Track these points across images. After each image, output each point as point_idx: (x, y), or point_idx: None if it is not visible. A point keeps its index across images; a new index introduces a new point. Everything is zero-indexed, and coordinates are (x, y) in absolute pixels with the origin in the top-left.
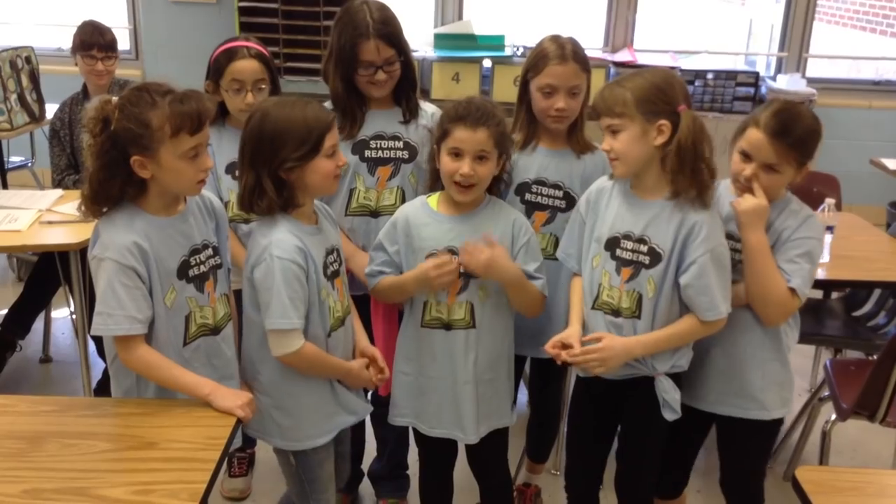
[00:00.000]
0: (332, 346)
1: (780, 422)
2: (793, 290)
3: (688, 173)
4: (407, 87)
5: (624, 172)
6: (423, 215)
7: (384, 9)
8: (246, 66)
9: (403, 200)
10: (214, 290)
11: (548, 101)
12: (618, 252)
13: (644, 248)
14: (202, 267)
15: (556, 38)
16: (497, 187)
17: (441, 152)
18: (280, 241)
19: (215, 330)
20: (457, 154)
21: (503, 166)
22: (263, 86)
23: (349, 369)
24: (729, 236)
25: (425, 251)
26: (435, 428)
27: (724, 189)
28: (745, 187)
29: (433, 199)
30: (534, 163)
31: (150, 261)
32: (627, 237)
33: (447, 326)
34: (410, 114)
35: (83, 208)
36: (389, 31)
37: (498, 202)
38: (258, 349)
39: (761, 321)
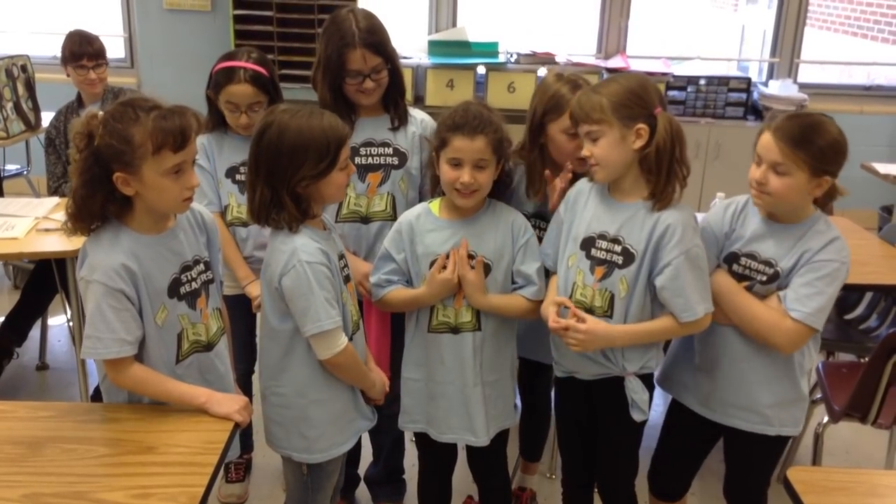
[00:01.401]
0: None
1: (786, 439)
2: (798, 320)
3: (664, 175)
4: (395, 94)
5: (605, 177)
6: (426, 221)
7: (370, 17)
8: (239, 91)
9: (394, 206)
10: (207, 306)
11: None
12: (593, 252)
13: (618, 249)
14: (194, 283)
15: (560, 77)
16: (497, 190)
17: (440, 161)
18: (304, 245)
19: (208, 346)
20: (456, 163)
21: (502, 169)
22: (258, 108)
23: (374, 382)
24: (751, 256)
25: (429, 256)
26: (445, 433)
27: (751, 206)
28: (757, 193)
29: (435, 205)
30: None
31: (138, 281)
32: (602, 237)
33: (455, 330)
34: (399, 120)
35: (68, 225)
36: (375, 39)
37: (498, 205)
38: (280, 359)
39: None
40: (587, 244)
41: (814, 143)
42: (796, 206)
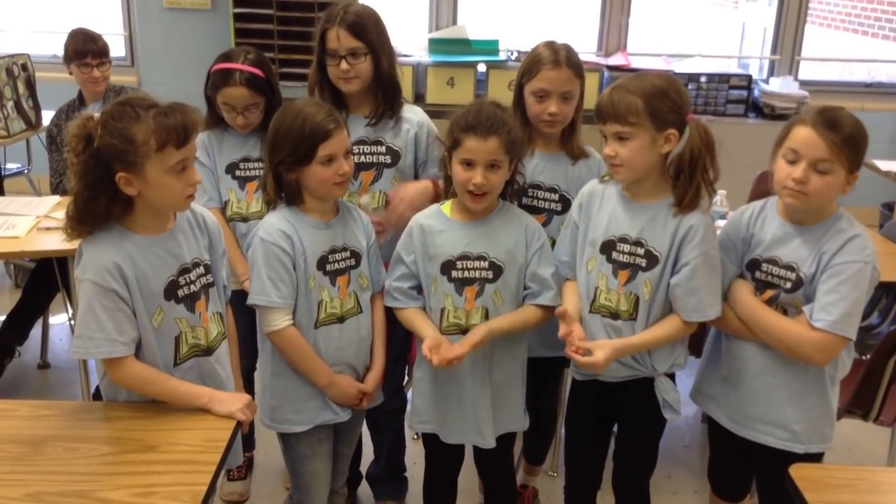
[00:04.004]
0: (321, 339)
1: (816, 457)
2: (825, 330)
3: (695, 180)
4: (378, 89)
5: (627, 178)
6: (438, 223)
7: (364, 8)
8: (234, 94)
9: (387, 204)
10: (206, 310)
11: (540, 106)
12: (614, 255)
13: (641, 251)
14: (192, 286)
15: (550, 44)
16: (510, 190)
17: (452, 161)
18: (267, 224)
19: (208, 350)
20: (468, 164)
21: (514, 170)
22: (254, 109)
23: (331, 383)
24: (772, 262)
25: (441, 258)
26: (453, 434)
27: (770, 207)
28: (794, 192)
29: (447, 207)
30: (528, 167)
31: (130, 282)
32: (624, 240)
33: (465, 331)
34: (382, 116)
35: (68, 230)
36: (356, 22)
37: (511, 207)
38: (261, 325)
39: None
40: (607, 248)
41: (848, 134)
42: (826, 206)
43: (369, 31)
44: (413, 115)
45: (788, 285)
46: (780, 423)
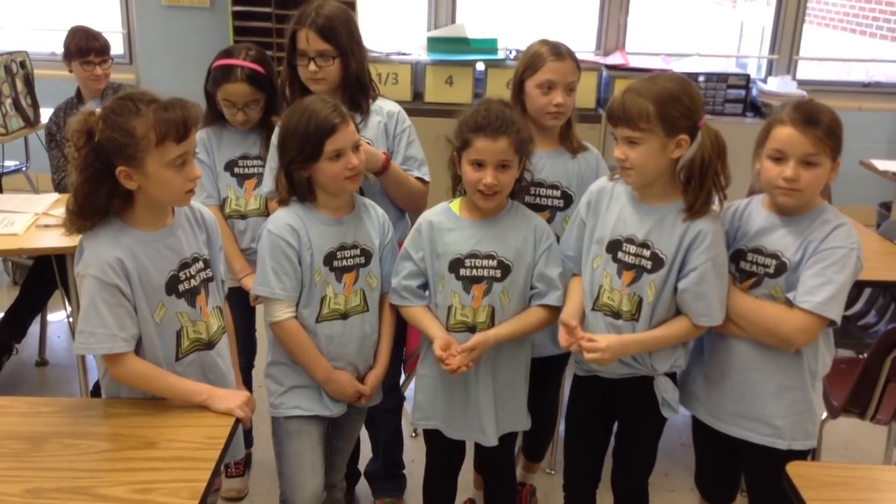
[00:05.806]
0: (322, 334)
1: (801, 455)
2: (808, 310)
3: (706, 186)
4: (345, 88)
5: (637, 182)
6: (447, 221)
7: (337, 8)
8: (236, 90)
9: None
10: (207, 304)
11: (547, 97)
12: (619, 255)
13: (647, 253)
14: (193, 281)
15: (546, 41)
16: (518, 187)
17: (462, 161)
18: (276, 218)
19: (209, 344)
20: (479, 164)
21: (523, 167)
22: (255, 105)
23: (329, 378)
24: (757, 251)
25: (449, 256)
26: (457, 431)
27: (756, 203)
28: (787, 190)
29: (455, 205)
30: (529, 164)
31: (132, 277)
32: (630, 241)
33: (472, 329)
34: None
35: (67, 224)
36: (325, 24)
37: (520, 207)
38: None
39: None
40: (613, 247)
41: (827, 126)
42: (813, 201)
43: (339, 34)
44: (385, 105)
45: (771, 271)
46: (763, 418)
